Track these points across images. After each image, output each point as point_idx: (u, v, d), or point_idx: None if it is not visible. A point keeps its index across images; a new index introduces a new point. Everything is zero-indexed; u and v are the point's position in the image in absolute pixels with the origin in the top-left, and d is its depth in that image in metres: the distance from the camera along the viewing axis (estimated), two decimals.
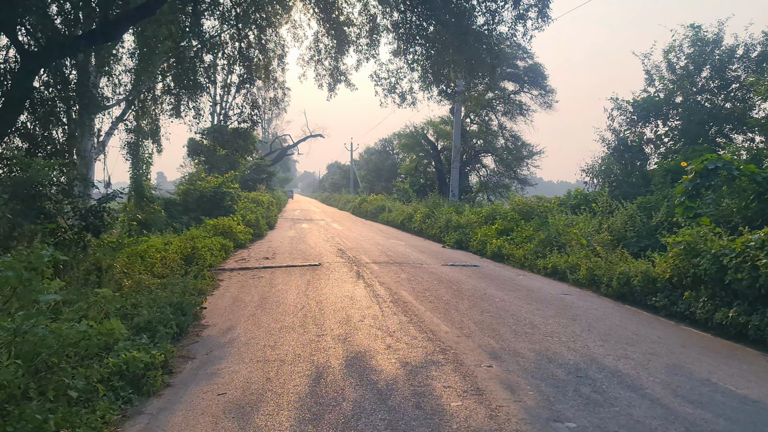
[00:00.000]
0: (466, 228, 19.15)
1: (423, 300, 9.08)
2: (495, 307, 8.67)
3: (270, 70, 19.57)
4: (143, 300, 8.08)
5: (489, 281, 11.34)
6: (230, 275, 12.06)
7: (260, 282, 11.04)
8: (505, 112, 38.82)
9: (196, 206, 25.50)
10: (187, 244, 13.28)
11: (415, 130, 37.25)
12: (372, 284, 10.59)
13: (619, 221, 12.71)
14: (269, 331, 7.09)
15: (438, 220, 21.53)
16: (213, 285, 10.79)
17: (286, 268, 13.02)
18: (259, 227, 22.20)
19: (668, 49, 19.03)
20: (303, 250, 16.81)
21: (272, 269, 12.80)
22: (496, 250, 15.44)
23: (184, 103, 21.33)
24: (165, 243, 15.07)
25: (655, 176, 16.98)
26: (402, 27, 16.02)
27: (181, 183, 28.21)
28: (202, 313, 8.26)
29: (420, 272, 12.29)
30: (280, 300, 9.17)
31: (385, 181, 58.18)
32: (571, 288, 10.90)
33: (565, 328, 7.38)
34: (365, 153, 74.16)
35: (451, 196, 25.99)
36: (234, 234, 17.76)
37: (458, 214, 20.79)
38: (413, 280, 11.19)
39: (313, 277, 11.48)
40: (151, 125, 24.47)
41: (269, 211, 28.86)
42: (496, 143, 39.33)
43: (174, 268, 11.34)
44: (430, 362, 5.71)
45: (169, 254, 12.49)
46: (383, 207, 34.83)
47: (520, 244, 15.05)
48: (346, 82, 18.40)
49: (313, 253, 15.78)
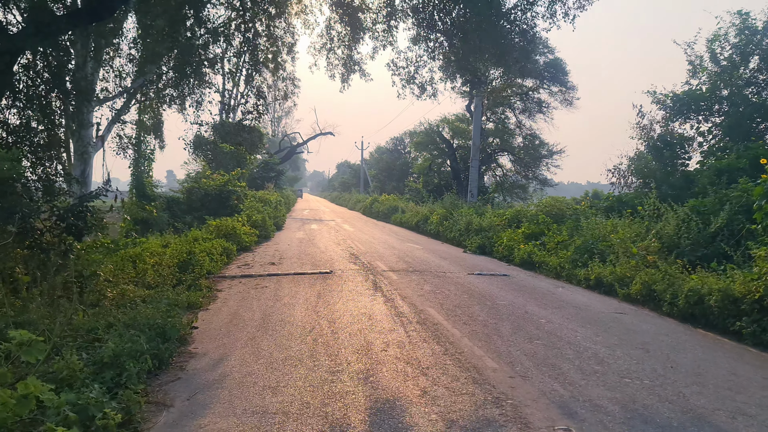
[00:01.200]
0: (488, 231, 17.66)
1: (455, 320, 7.62)
2: (543, 331, 7.19)
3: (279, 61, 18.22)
4: (124, 318, 6.73)
5: (526, 295, 9.85)
6: (231, 284, 10.66)
7: (264, 293, 9.64)
8: (523, 109, 37.25)
9: (200, 205, 24.25)
10: (183, 248, 11.90)
11: (429, 127, 35.77)
12: (392, 298, 9.14)
13: (671, 227, 11.18)
14: (271, 364, 5.67)
15: (457, 223, 20.04)
16: (209, 297, 9.40)
17: (294, 276, 11.61)
18: (266, 228, 20.83)
19: (712, 38, 17.42)
20: (312, 254, 15.40)
21: (278, 277, 11.40)
22: (526, 257, 13.94)
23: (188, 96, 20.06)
24: (164, 245, 13.79)
25: (701, 176, 15.40)
26: (423, 11, 14.58)
27: (185, 181, 26.93)
28: (192, 335, 6.86)
29: (445, 283, 10.83)
30: (285, 318, 7.76)
31: (397, 181, 56.67)
32: (623, 305, 9.39)
33: (640, 363, 5.89)
34: (376, 152, 72.75)
35: (469, 197, 24.50)
36: (238, 236, 16.39)
37: (479, 216, 19.29)
38: (439, 293, 9.73)
39: (324, 288, 10.06)
40: (154, 119, 23.21)
41: (277, 210, 27.51)
42: (513, 142, 37.76)
43: (166, 276, 9.97)
44: (484, 421, 4.25)
45: (164, 259, 11.16)
46: (396, 207, 33.38)
47: (553, 250, 13.55)
48: (361, 71, 16.97)
49: (324, 258, 14.37)
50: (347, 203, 59.30)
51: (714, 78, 17.11)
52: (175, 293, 8.83)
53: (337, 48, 16.95)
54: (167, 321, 6.18)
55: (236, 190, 25.26)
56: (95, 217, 10.18)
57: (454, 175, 34.44)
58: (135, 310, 7.21)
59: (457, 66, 14.22)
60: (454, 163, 34.31)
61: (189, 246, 12.13)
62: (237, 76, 17.60)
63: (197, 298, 8.89)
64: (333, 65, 17.05)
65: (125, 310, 7.46)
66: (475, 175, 24.90)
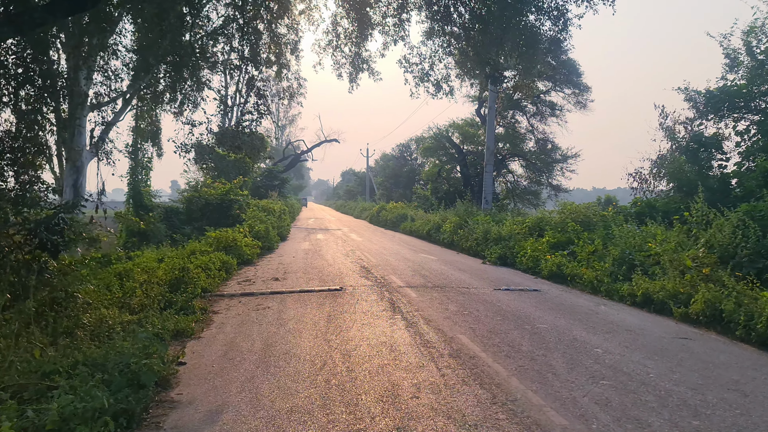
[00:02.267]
0: (508, 241, 16.37)
1: (495, 352, 6.34)
2: (605, 366, 5.90)
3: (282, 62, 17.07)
4: (95, 354, 5.53)
5: (566, 315, 8.56)
6: (229, 304, 9.42)
7: (266, 316, 8.38)
8: (534, 113, 36.04)
9: (200, 215, 23.11)
10: (177, 263, 10.68)
11: (438, 132, 34.55)
12: (415, 322, 7.87)
13: (724, 235, 9.88)
14: (273, 419, 4.41)
15: (473, 232, 18.76)
16: (203, 321, 8.16)
17: (300, 294, 10.36)
18: (269, 239, 19.61)
19: (748, 30, 16.16)
20: (319, 267, 14.15)
21: (282, 296, 10.15)
22: (555, 269, 12.65)
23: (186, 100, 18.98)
24: (159, 258, 12.62)
25: (745, 178, 14.11)
26: (437, 3, 13.41)
27: (185, 190, 25.78)
28: (177, 374, 5.62)
29: (471, 301, 9.55)
30: (291, 349, 6.50)
31: (403, 188, 55.50)
32: (683, 327, 8.08)
33: (746, 415, 4.60)
34: (381, 159, 71.70)
35: (483, 204, 23.24)
36: (239, 248, 15.17)
37: (498, 224, 17.99)
38: (467, 314, 8.46)
39: (334, 309, 8.80)
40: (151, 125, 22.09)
41: (281, 220, 26.31)
42: (524, 147, 36.52)
43: (155, 297, 8.75)
44: None
45: (155, 275, 9.96)
46: (404, 216, 32.13)
47: (584, 261, 12.26)
48: (369, 70, 15.78)
49: (332, 272, 13.12)
50: (353, 211, 58.09)
51: (753, 72, 15.83)
52: (163, 318, 7.60)
53: (344, 45, 15.78)
54: (141, 364, 4.92)
55: (238, 200, 24.10)
56: (74, 230, 8.99)
57: (464, 181, 33.21)
58: (110, 342, 5.99)
59: (476, 60, 13.00)
60: (464, 168, 33.08)
61: (183, 261, 10.88)
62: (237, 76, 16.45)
63: (188, 324, 7.65)
64: (340, 64, 15.88)
65: (100, 342, 6.27)
66: (489, 180, 23.65)
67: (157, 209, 22.27)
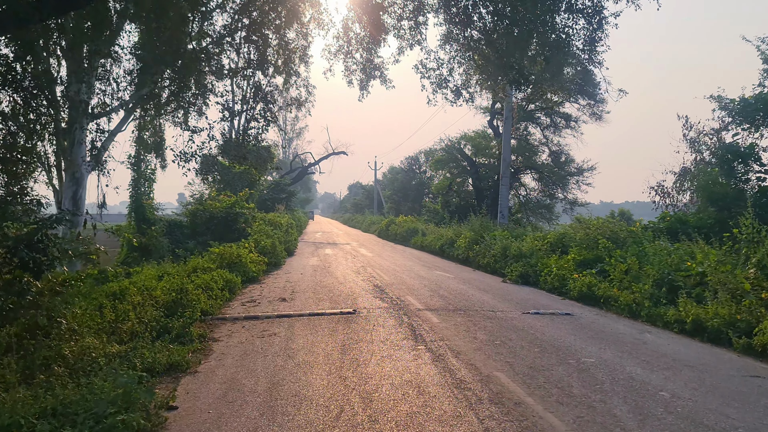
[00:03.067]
0: (530, 257, 15.37)
1: (543, 396, 5.36)
2: (679, 416, 4.91)
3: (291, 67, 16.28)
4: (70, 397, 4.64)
5: (611, 346, 7.56)
6: (231, 330, 8.49)
7: (272, 345, 7.44)
8: (548, 125, 35.12)
9: (205, 229, 22.25)
10: (175, 283, 9.78)
11: (450, 143, 33.66)
12: (442, 354, 6.89)
13: None
14: None
15: (490, 247, 17.77)
16: (202, 351, 7.23)
17: (310, 317, 9.41)
18: (276, 254, 18.70)
19: None
20: (329, 286, 13.21)
21: (290, 320, 9.20)
22: (585, 290, 11.64)
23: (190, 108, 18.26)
24: (159, 275, 11.76)
25: None
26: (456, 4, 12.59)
27: (189, 203, 24.97)
28: (166, 422, 4.68)
29: (500, 328, 8.56)
30: (301, 390, 5.54)
31: (412, 202, 54.62)
32: (746, 360, 7.05)
33: None
34: (389, 172, 70.93)
35: (499, 218, 22.26)
36: (243, 265, 14.26)
37: (518, 239, 16.99)
38: (500, 344, 7.47)
39: (348, 337, 7.84)
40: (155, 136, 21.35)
41: (288, 234, 25.41)
42: (537, 159, 35.54)
43: (150, 322, 7.84)
44: None
45: (155, 294, 9.11)
46: (415, 230, 31.18)
47: (619, 282, 11.25)
48: (382, 78, 14.95)
49: (344, 292, 12.17)
50: (361, 225, 57.17)
51: None
52: (155, 350, 6.68)
53: (355, 51, 14.98)
54: (117, 421, 3.97)
55: (244, 213, 23.24)
56: (59, 247, 8.12)
57: (477, 194, 32.27)
58: (89, 385, 5.08)
59: (498, 65, 12.11)
60: (477, 181, 32.16)
61: (182, 280, 9.96)
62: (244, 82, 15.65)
63: (184, 355, 6.72)
64: (351, 70, 15.06)
65: (79, 380, 5.36)
66: (505, 193, 22.69)
67: (159, 223, 21.44)
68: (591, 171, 31.90)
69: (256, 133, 12.20)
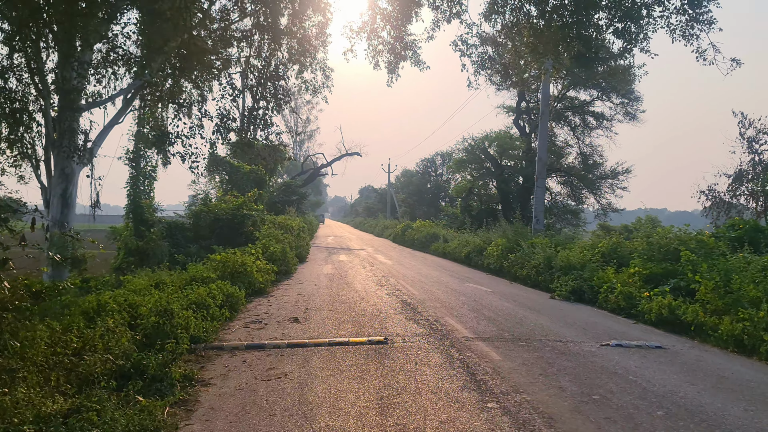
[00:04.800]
0: (581, 270, 13.20)
1: None
2: None
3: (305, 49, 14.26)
4: None
5: (756, 406, 5.39)
6: (228, 366, 6.42)
7: (282, 395, 5.37)
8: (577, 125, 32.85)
9: (209, 232, 20.28)
10: (160, 301, 7.73)
11: (473, 143, 31.47)
12: (528, 420, 4.75)
13: None
14: None
15: (530, 257, 15.59)
16: (184, 404, 5.17)
17: (330, 347, 7.33)
18: (287, 262, 16.68)
19: None
20: (349, 301, 11.13)
21: (305, 351, 7.13)
22: (665, 313, 9.43)
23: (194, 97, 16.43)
24: (154, 283, 9.85)
25: None
26: None
27: (192, 203, 22.99)
28: None
29: (586, 370, 6.41)
30: None
31: (428, 206, 52.49)
32: None
33: None
34: (402, 176, 68.89)
35: (534, 224, 20.07)
36: (249, 275, 12.23)
37: (566, 249, 14.79)
38: (600, 400, 5.33)
39: (385, 384, 5.74)
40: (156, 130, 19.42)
41: (299, 239, 23.38)
42: (563, 162, 33.28)
43: (118, 357, 5.82)
44: None
45: (141, 312, 7.15)
46: (435, 235, 29.03)
47: (711, 304, 9.04)
48: (414, 59, 12.90)
49: (368, 311, 10.08)
50: (373, 229, 55.07)
51: None
52: (114, 406, 4.63)
53: (382, 29, 12.95)
54: None
55: (252, 215, 21.24)
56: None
57: (502, 197, 30.11)
58: None
59: (553, 39, 9.99)
60: (502, 184, 29.98)
61: (166, 299, 7.91)
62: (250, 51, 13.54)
63: (156, 415, 4.66)
64: (376, 51, 13.03)
65: None
66: (541, 196, 20.48)
67: (159, 225, 19.44)
68: (626, 174, 29.55)
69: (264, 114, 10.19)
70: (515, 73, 10.98)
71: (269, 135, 12.68)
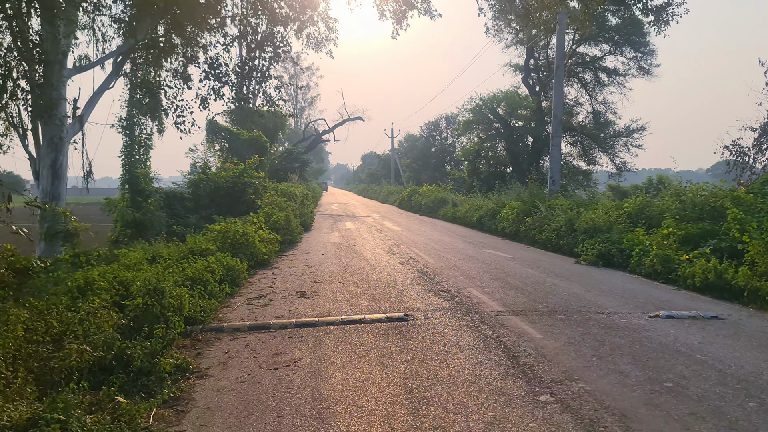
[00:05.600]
0: (607, 232, 12.25)
1: None
2: None
3: None
4: None
5: None
6: (228, 351, 5.57)
7: (292, 388, 4.51)
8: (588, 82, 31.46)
9: (209, 201, 19.39)
10: (152, 277, 6.83)
11: (481, 102, 30.13)
12: (598, 420, 3.87)
13: None
14: None
15: (550, 220, 14.64)
16: (175, 402, 4.31)
17: (343, 326, 6.45)
18: (291, 230, 15.79)
19: None
20: (361, 271, 10.26)
21: (315, 331, 6.26)
22: (711, 278, 8.52)
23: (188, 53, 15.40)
24: (150, 258, 9.03)
25: None
26: None
27: (192, 172, 22.00)
28: None
29: (643, 348, 5.52)
30: None
31: (433, 170, 51.30)
32: None
33: None
34: (405, 141, 67.49)
35: (549, 185, 19.05)
36: (251, 246, 11.34)
37: (589, 210, 13.79)
38: (674, 388, 4.44)
39: (412, 372, 4.86)
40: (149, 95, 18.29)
41: (304, 206, 22.44)
42: (574, 121, 31.99)
43: (97, 347, 4.95)
44: None
45: (134, 288, 6.31)
46: (443, 200, 28.06)
47: (765, 268, 8.11)
48: (424, 5, 11.69)
49: (381, 281, 9.20)
50: (378, 196, 54.07)
51: None
52: (84, 413, 3.76)
53: None
54: None
55: (253, 182, 20.27)
56: None
57: (511, 159, 28.99)
58: None
59: None
60: (511, 145, 28.79)
61: (156, 275, 7.01)
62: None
63: (139, 420, 3.80)
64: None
65: None
66: (557, 156, 19.38)
67: (156, 195, 18.46)
68: (641, 131, 28.31)
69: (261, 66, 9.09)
70: (536, 11, 9.75)
71: (266, 88, 11.61)
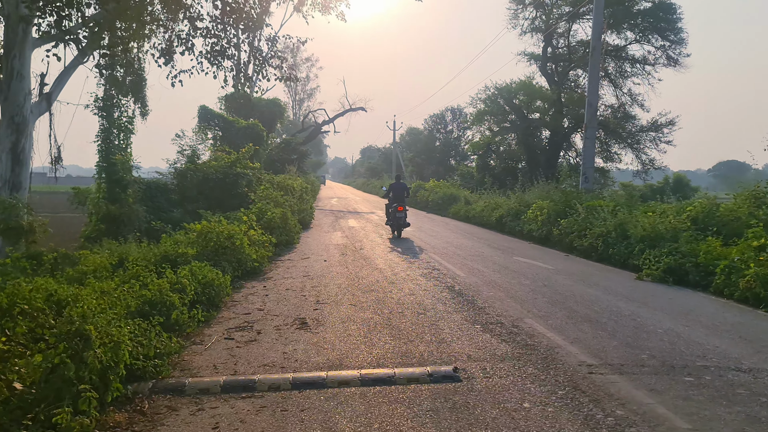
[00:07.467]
0: (671, 242, 10.06)
1: None
2: None
3: None
4: None
5: None
6: None
7: None
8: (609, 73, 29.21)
9: (197, 194, 17.22)
10: (85, 305, 4.59)
11: (497, 91, 27.85)
12: None
13: None
14: None
15: (591, 223, 12.45)
16: None
17: (363, 389, 4.26)
18: (288, 230, 13.59)
19: None
20: (374, 286, 8.07)
21: (321, 397, 4.05)
22: None
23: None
24: (116, 261, 6.91)
25: None
26: None
27: (177, 160, 19.73)
28: None
29: None
30: None
31: (437, 165, 49.06)
32: None
33: None
34: (407, 134, 65.21)
35: (582, 182, 16.89)
36: (238, 250, 9.14)
37: (646, 215, 11.55)
38: None
39: None
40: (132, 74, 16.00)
41: (302, 201, 20.22)
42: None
43: None
44: None
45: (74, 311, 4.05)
46: (454, 197, 25.86)
47: None
48: None
49: (403, 302, 7.01)
50: (379, 191, 51.76)
51: None
52: None
53: None
54: None
55: (247, 174, 18.09)
56: None
57: (527, 153, 26.80)
58: None
59: None
60: (529, 138, 26.57)
61: (84, 307, 4.77)
62: None
63: None
64: None
65: None
66: (591, 149, 17.21)
67: (136, 185, 16.17)
68: (670, 126, 26.10)
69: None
70: None
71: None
